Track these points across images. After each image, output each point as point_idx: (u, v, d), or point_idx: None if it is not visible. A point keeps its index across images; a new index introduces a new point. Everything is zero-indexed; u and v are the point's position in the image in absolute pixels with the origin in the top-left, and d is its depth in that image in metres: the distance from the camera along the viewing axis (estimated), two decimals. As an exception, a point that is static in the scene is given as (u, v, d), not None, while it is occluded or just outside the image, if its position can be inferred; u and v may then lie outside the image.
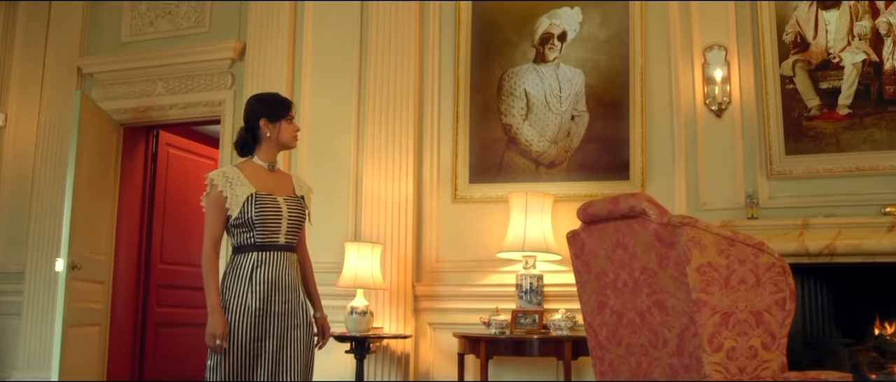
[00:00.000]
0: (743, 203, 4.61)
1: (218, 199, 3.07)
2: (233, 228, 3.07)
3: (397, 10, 5.28)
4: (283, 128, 3.21)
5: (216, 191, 3.08)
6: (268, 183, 3.14)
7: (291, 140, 3.26)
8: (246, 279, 3.01)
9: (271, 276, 3.03)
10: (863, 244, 4.32)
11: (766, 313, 2.39)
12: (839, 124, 4.56)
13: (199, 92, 5.80)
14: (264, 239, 3.06)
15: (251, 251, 3.04)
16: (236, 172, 3.12)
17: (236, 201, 3.03)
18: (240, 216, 3.02)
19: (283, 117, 3.20)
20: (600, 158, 4.84)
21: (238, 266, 3.05)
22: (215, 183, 3.09)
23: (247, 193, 3.04)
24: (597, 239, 2.68)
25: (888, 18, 4.57)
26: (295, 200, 3.19)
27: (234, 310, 2.98)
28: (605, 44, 4.92)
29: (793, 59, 4.67)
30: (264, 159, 3.20)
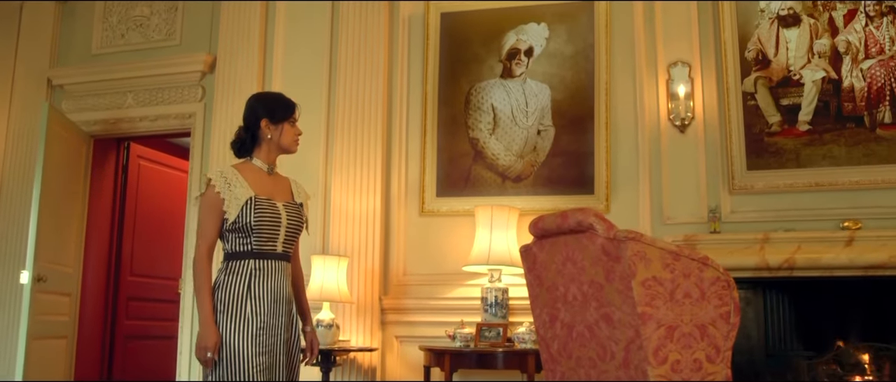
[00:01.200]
0: (706, 217, 4.67)
1: (214, 201, 2.88)
2: (227, 233, 2.89)
3: (367, 26, 5.32)
4: (286, 131, 3.05)
5: (213, 193, 2.89)
6: (267, 186, 2.98)
7: (293, 144, 3.09)
8: (243, 288, 2.82)
9: (269, 287, 2.87)
10: (821, 258, 4.39)
11: (710, 326, 2.43)
12: (799, 140, 4.64)
13: (169, 104, 5.80)
14: (262, 247, 2.88)
15: (248, 258, 2.86)
16: (235, 173, 2.95)
17: (235, 204, 2.85)
18: (237, 220, 2.84)
19: (287, 119, 3.05)
20: (566, 172, 4.88)
21: (234, 272, 2.86)
22: (213, 183, 2.91)
23: (246, 196, 2.87)
24: (548, 253, 2.72)
25: (847, 37, 4.66)
26: (294, 207, 3.03)
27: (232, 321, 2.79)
28: (571, 59, 4.98)
29: (755, 76, 4.75)
30: (264, 161, 3.03)
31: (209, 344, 2.75)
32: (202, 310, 2.80)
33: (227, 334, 2.78)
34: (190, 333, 5.40)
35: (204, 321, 2.79)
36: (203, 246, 2.87)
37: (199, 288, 2.83)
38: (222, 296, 2.82)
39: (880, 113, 4.54)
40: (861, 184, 4.50)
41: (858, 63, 4.62)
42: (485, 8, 5.16)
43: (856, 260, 4.34)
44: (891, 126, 4.51)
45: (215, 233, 2.90)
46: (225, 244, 2.92)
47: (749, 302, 4.65)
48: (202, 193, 2.95)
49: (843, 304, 4.69)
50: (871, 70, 4.59)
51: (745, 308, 4.64)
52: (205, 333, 2.77)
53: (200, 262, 2.85)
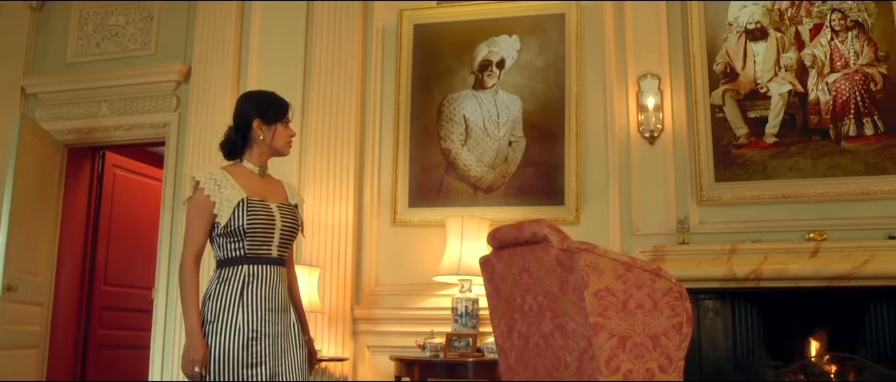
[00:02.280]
0: (675, 228, 4.71)
1: (203, 204, 2.70)
2: (218, 238, 2.72)
3: (341, 36, 5.35)
4: (279, 133, 2.85)
5: (201, 195, 2.71)
6: (259, 188, 2.81)
7: (286, 146, 2.90)
8: (236, 296, 2.65)
9: (264, 293, 2.70)
10: (787, 269, 4.44)
11: (663, 337, 2.46)
12: (766, 152, 4.69)
13: (144, 113, 5.80)
14: (256, 251, 2.71)
15: (241, 264, 2.69)
16: (224, 175, 2.77)
17: (226, 206, 2.68)
18: (229, 223, 2.67)
19: (280, 120, 2.86)
20: (536, 183, 4.92)
21: (226, 280, 2.68)
22: (201, 185, 2.73)
23: (237, 198, 2.70)
24: (505, 263, 2.75)
25: (813, 51, 4.73)
26: (288, 209, 2.87)
27: (222, 332, 2.61)
28: (542, 71, 5.03)
29: (722, 89, 4.81)
30: (255, 163, 2.85)
31: (196, 357, 2.58)
32: (188, 321, 2.62)
33: (216, 345, 2.61)
34: (162, 342, 5.39)
35: (190, 332, 2.61)
36: (190, 252, 2.69)
37: (185, 297, 2.65)
38: (213, 306, 2.65)
39: (845, 126, 4.60)
40: (826, 196, 4.55)
41: (824, 76, 4.69)
42: (457, 20, 5.21)
43: (821, 271, 4.40)
44: (855, 139, 4.57)
45: (203, 239, 2.72)
46: (216, 250, 2.76)
47: (717, 312, 4.70)
48: (190, 197, 2.78)
49: (809, 314, 4.75)
50: (837, 83, 4.66)
51: (713, 318, 4.70)
52: (191, 345, 2.59)
53: (187, 270, 2.67)
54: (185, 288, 2.66)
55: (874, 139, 4.55)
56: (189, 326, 2.62)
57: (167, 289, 5.46)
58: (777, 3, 4.82)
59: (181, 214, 5.39)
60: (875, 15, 4.67)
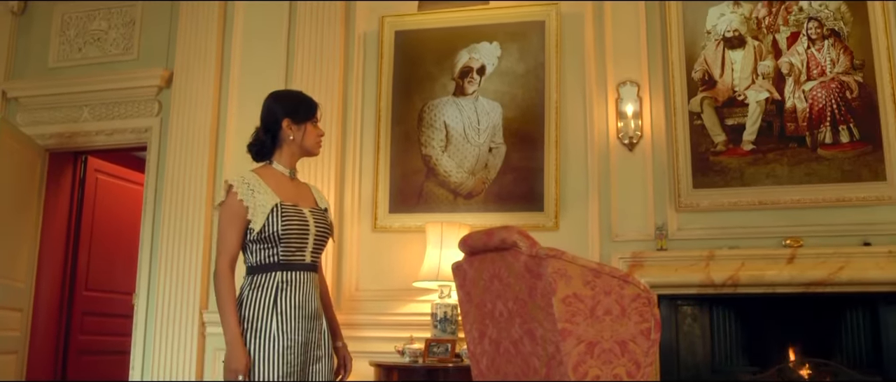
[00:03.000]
0: (653, 234, 4.74)
1: (237, 209, 2.66)
2: (251, 244, 2.68)
3: (323, 42, 5.37)
4: (309, 132, 2.83)
5: (235, 201, 2.66)
6: (291, 192, 2.77)
7: (316, 146, 2.88)
8: (270, 303, 2.62)
9: (298, 300, 2.66)
10: (764, 275, 4.48)
11: (631, 342, 2.48)
12: (744, 159, 4.73)
13: (125, 118, 5.79)
14: (290, 258, 2.68)
15: (275, 271, 2.65)
16: (257, 179, 2.73)
17: (260, 212, 2.64)
18: (263, 229, 2.64)
19: (309, 119, 2.84)
20: (516, 190, 4.94)
21: (259, 287, 2.65)
22: (234, 190, 2.68)
23: (271, 203, 2.66)
24: (477, 270, 2.76)
25: (790, 59, 4.77)
26: (320, 213, 2.84)
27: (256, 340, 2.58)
28: (523, 78, 5.05)
29: (701, 96, 4.84)
30: (286, 165, 2.82)
31: (240, 366, 2.53)
32: (228, 330, 2.57)
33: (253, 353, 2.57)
34: (142, 347, 5.38)
35: (231, 341, 2.56)
36: (225, 258, 2.65)
37: (223, 304, 2.60)
38: (247, 313, 2.62)
39: (821, 133, 4.64)
40: (802, 203, 4.59)
41: (801, 84, 4.73)
42: (438, 26, 5.23)
43: (797, 277, 4.44)
44: (831, 146, 4.62)
45: (238, 244, 2.68)
46: (248, 256, 2.71)
47: (695, 318, 4.74)
48: (222, 201, 2.72)
49: (786, 320, 4.79)
50: (813, 91, 4.70)
51: (691, 324, 4.73)
52: (233, 354, 2.54)
53: (223, 277, 2.63)
54: (223, 295, 2.61)
55: (850, 146, 4.59)
56: (229, 334, 2.57)
57: (148, 294, 5.45)
58: (755, 12, 4.87)
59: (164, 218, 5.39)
60: (851, 24, 4.72)
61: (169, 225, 5.37)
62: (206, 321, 5.22)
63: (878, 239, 4.46)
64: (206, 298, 5.28)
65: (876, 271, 4.35)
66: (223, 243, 2.67)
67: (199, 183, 5.39)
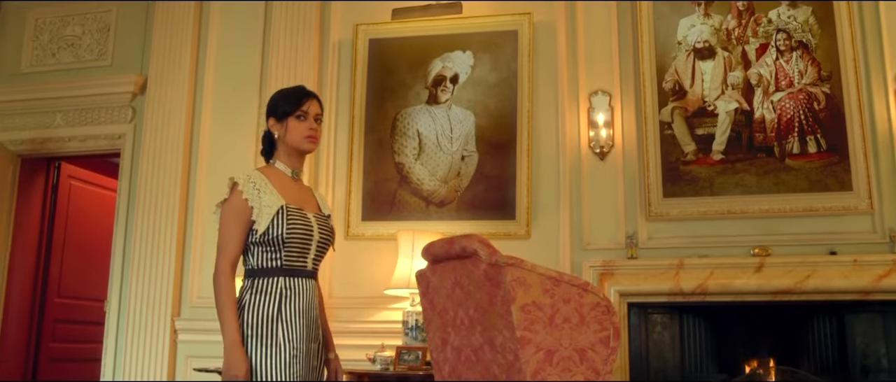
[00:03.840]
0: (624, 243, 4.77)
1: (241, 209, 2.56)
2: (252, 246, 2.59)
3: (297, 50, 5.38)
4: (291, 128, 2.69)
5: (240, 200, 2.56)
6: (295, 194, 2.68)
7: (303, 141, 2.70)
8: (274, 310, 2.52)
9: (302, 308, 2.57)
10: (732, 283, 4.52)
11: (590, 351, 2.50)
12: (713, 169, 4.77)
13: (99, 125, 5.77)
14: (292, 263, 2.59)
15: (277, 276, 2.56)
16: (263, 178, 2.63)
17: (266, 213, 2.55)
18: (267, 232, 2.55)
19: (291, 114, 2.70)
20: (488, 198, 4.96)
21: (261, 292, 2.56)
22: (239, 188, 2.58)
23: (277, 205, 2.56)
24: (439, 277, 2.78)
25: (758, 70, 4.83)
26: (323, 219, 2.74)
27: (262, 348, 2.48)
28: (495, 87, 5.08)
29: (671, 106, 4.89)
30: (286, 164, 2.73)
31: (239, 372, 2.42)
32: (228, 333, 2.47)
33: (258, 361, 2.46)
34: (113, 355, 5.35)
35: (230, 345, 2.45)
36: (226, 259, 2.55)
37: (223, 307, 2.50)
38: (250, 319, 2.51)
39: (789, 143, 4.70)
40: (770, 212, 4.64)
41: (769, 95, 4.79)
42: (412, 35, 5.25)
43: (765, 286, 4.49)
44: (799, 156, 4.67)
45: (240, 245, 2.57)
46: (248, 258, 2.62)
47: (665, 326, 4.77)
48: (225, 199, 2.62)
49: (755, 328, 4.85)
50: (781, 102, 4.76)
51: (661, 331, 4.77)
52: (232, 360, 2.44)
53: (224, 278, 2.53)
54: (223, 298, 2.51)
55: (817, 157, 4.65)
56: (228, 339, 2.47)
57: (120, 301, 5.42)
58: (725, 23, 4.92)
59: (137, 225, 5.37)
60: (819, 36, 4.79)
61: (141, 232, 5.35)
62: (177, 328, 5.20)
63: (844, 248, 4.51)
64: (178, 305, 5.27)
65: (841, 280, 4.41)
66: (225, 243, 2.57)
67: (173, 190, 5.38)
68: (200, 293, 5.24)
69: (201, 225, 5.31)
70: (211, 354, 5.07)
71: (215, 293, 2.54)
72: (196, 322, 5.18)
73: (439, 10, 5.22)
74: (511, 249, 4.77)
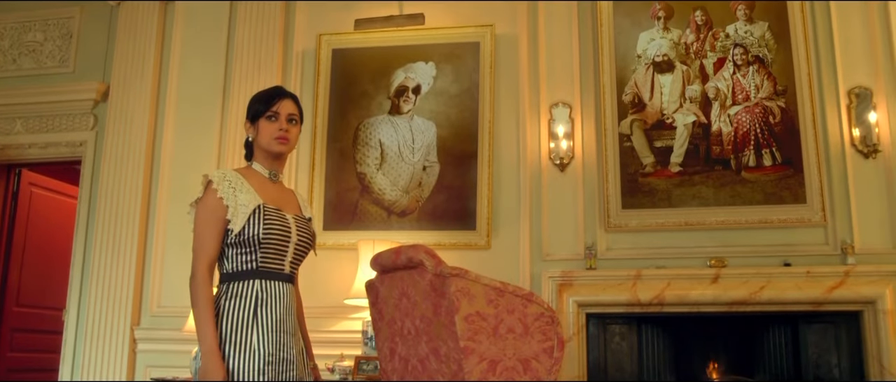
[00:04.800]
0: (583, 254, 4.81)
1: (216, 208, 2.45)
2: (227, 248, 2.48)
3: (261, 60, 5.38)
4: (261, 129, 2.59)
5: (214, 198, 2.46)
6: (273, 195, 2.58)
7: (272, 143, 2.59)
8: (249, 314, 2.42)
9: (278, 314, 2.46)
10: (689, 294, 4.58)
11: (533, 360, 2.52)
12: (671, 181, 4.83)
13: (60, 132, 5.73)
14: (268, 265, 2.49)
15: (251, 279, 2.46)
16: (238, 177, 2.54)
17: (241, 212, 2.44)
18: (242, 232, 2.44)
19: (262, 114, 2.59)
20: (449, 208, 4.98)
21: (236, 296, 2.45)
22: (214, 185, 2.48)
23: (253, 204, 2.46)
24: (388, 287, 2.79)
25: (716, 84, 4.90)
26: (303, 222, 2.64)
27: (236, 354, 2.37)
28: (457, 98, 5.11)
29: (631, 119, 4.94)
30: (262, 165, 2.64)
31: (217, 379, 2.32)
32: (205, 340, 2.35)
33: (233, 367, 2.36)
34: (71, 365, 5.30)
35: (207, 352, 2.34)
36: (203, 262, 2.42)
37: (199, 313, 2.37)
38: (224, 325, 2.40)
39: (745, 156, 4.77)
40: (726, 224, 4.70)
41: (726, 109, 4.86)
42: (375, 46, 5.27)
43: (720, 297, 4.55)
44: (755, 169, 4.74)
45: (217, 246, 2.46)
46: (223, 262, 2.51)
47: (623, 336, 4.82)
48: (199, 198, 2.52)
49: (712, 338, 4.91)
50: (738, 116, 4.83)
51: (619, 342, 4.81)
52: (210, 367, 2.33)
53: (200, 282, 2.40)
54: (200, 302, 2.38)
55: (772, 170, 4.73)
56: (205, 345, 2.35)
57: (78, 310, 5.37)
58: (683, 38, 5.00)
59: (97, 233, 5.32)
60: (775, 51, 4.87)
61: (101, 240, 5.31)
62: (137, 337, 5.16)
63: (797, 259, 4.59)
64: (137, 314, 5.23)
65: (795, 291, 4.48)
66: (200, 245, 2.45)
67: (134, 198, 5.35)
68: (161, 301, 5.21)
69: (162, 234, 5.28)
70: (171, 363, 5.05)
71: (192, 298, 2.42)
72: (156, 331, 5.15)
73: (402, 21, 5.25)
74: (471, 260, 4.83)
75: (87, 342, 5.20)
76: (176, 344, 5.02)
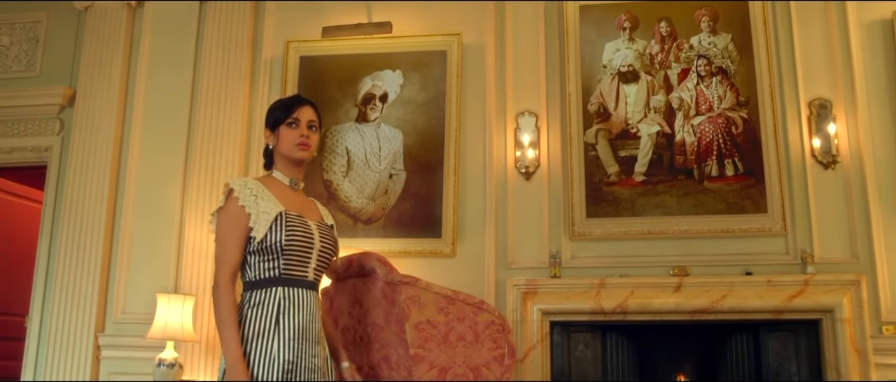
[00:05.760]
0: (548, 262, 4.83)
1: (238, 216, 2.45)
2: (250, 256, 2.47)
3: (229, 65, 5.37)
4: (282, 137, 2.60)
5: (236, 206, 2.46)
6: (295, 203, 2.59)
7: (294, 150, 2.60)
8: (271, 321, 2.40)
9: (301, 321, 2.44)
10: (652, 303, 4.61)
11: (484, 368, 2.54)
12: (635, 190, 4.87)
13: (25, 136, 5.68)
14: (291, 273, 2.47)
15: (274, 286, 2.44)
16: (259, 185, 2.53)
17: (263, 220, 2.44)
18: (264, 239, 2.44)
19: (282, 122, 2.61)
20: (415, 216, 5.00)
21: (259, 304, 2.43)
22: (235, 194, 2.47)
23: (275, 211, 2.46)
24: (342, 294, 2.80)
25: (680, 94, 4.96)
26: (326, 228, 2.64)
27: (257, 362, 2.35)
28: (424, 106, 5.13)
29: (596, 128, 4.98)
30: (283, 173, 2.64)
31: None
32: (229, 350, 2.32)
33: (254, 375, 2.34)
34: (33, 372, 5.24)
35: (232, 363, 2.31)
36: (226, 271, 2.41)
37: (224, 322, 2.35)
38: (247, 332, 2.38)
39: (708, 166, 4.82)
40: (689, 233, 4.75)
41: (690, 119, 4.91)
42: (343, 53, 5.29)
43: (682, 305, 4.59)
44: (717, 179, 4.80)
45: (239, 255, 2.45)
46: (246, 270, 2.50)
47: (587, 344, 4.84)
48: (221, 207, 2.51)
49: (675, 345, 4.95)
50: (701, 126, 4.89)
51: (583, 350, 4.84)
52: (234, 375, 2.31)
53: (224, 290, 2.39)
54: (224, 311, 2.37)
55: (734, 180, 4.78)
56: (231, 356, 2.32)
57: (42, 317, 5.32)
58: (648, 48, 5.05)
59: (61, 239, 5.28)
60: (738, 62, 4.93)
61: (66, 245, 5.26)
62: (101, 344, 5.12)
63: (758, 268, 4.64)
64: (101, 321, 5.19)
65: (756, 300, 4.53)
66: (223, 253, 2.44)
67: (99, 204, 5.31)
68: (125, 308, 5.17)
69: (127, 240, 5.25)
70: (134, 370, 5.01)
71: (215, 307, 2.40)
72: (120, 337, 5.11)
73: (370, 29, 5.27)
74: (437, 267, 4.85)
75: (50, 348, 5.15)
76: (140, 351, 4.99)
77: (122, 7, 5.63)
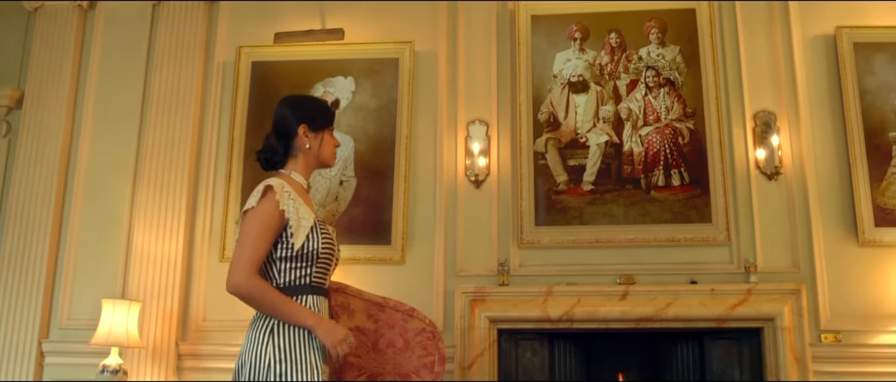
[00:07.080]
0: (496, 270, 4.86)
1: (275, 217, 2.36)
2: (280, 261, 2.40)
3: (181, 71, 5.34)
4: (326, 141, 2.58)
5: (276, 209, 2.36)
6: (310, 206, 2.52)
7: (332, 157, 2.62)
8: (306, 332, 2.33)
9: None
10: (598, 311, 4.66)
11: (414, 375, 2.55)
12: (583, 199, 4.92)
13: (-30, 138, 5.59)
14: (318, 281, 2.44)
15: (306, 294, 2.39)
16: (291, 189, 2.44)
17: (303, 226, 2.39)
18: (303, 246, 2.39)
19: (327, 127, 2.60)
20: (365, 222, 5.00)
21: None
22: (276, 196, 2.37)
23: (311, 218, 2.43)
24: (275, 302, 2.79)
25: (628, 105, 5.02)
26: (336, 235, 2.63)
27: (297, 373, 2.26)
28: (375, 113, 5.14)
29: (546, 137, 5.03)
30: (303, 175, 2.55)
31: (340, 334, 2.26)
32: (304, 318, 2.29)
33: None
34: (-23, 379, 5.15)
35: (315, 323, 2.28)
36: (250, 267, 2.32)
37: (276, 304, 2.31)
38: (281, 342, 2.29)
39: (655, 176, 4.89)
40: (636, 242, 4.81)
41: (638, 129, 4.98)
42: (295, 59, 5.28)
43: (628, 313, 4.64)
44: (664, 188, 4.86)
45: (265, 255, 2.37)
46: (273, 274, 2.42)
47: (535, 351, 4.87)
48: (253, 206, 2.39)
49: (621, 353, 5.00)
50: (649, 136, 4.96)
51: (531, 357, 4.86)
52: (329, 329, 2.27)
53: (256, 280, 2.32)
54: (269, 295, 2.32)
55: (680, 189, 4.85)
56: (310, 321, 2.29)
57: (-16, 323, 5.23)
58: (598, 59, 5.11)
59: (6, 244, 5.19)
60: (685, 74, 5.01)
61: (10, 250, 5.18)
62: (44, 351, 5.04)
63: (703, 277, 4.71)
64: (46, 327, 5.11)
65: (700, 308, 4.59)
66: (250, 251, 2.33)
67: (46, 208, 5.24)
68: (70, 314, 5.10)
69: (74, 245, 5.18)
70: (78, 377, 4.94)
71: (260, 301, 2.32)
72: (64, 344, 5.04)
73: (322, 35, 5.27)
74: (386, 274, 4.86)
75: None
76: (84, 357, 4.92)
77: (73, 8, 5.57)
